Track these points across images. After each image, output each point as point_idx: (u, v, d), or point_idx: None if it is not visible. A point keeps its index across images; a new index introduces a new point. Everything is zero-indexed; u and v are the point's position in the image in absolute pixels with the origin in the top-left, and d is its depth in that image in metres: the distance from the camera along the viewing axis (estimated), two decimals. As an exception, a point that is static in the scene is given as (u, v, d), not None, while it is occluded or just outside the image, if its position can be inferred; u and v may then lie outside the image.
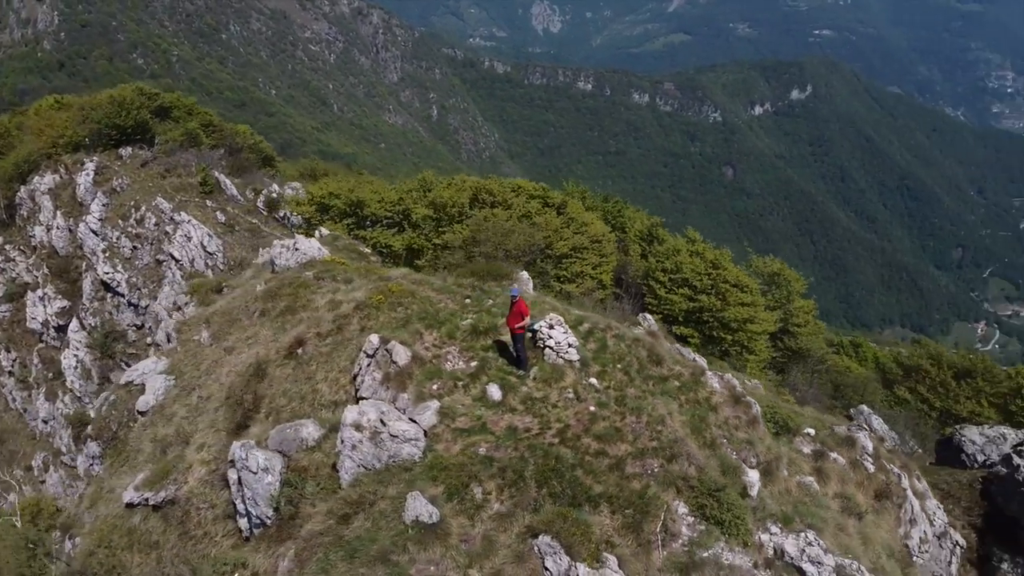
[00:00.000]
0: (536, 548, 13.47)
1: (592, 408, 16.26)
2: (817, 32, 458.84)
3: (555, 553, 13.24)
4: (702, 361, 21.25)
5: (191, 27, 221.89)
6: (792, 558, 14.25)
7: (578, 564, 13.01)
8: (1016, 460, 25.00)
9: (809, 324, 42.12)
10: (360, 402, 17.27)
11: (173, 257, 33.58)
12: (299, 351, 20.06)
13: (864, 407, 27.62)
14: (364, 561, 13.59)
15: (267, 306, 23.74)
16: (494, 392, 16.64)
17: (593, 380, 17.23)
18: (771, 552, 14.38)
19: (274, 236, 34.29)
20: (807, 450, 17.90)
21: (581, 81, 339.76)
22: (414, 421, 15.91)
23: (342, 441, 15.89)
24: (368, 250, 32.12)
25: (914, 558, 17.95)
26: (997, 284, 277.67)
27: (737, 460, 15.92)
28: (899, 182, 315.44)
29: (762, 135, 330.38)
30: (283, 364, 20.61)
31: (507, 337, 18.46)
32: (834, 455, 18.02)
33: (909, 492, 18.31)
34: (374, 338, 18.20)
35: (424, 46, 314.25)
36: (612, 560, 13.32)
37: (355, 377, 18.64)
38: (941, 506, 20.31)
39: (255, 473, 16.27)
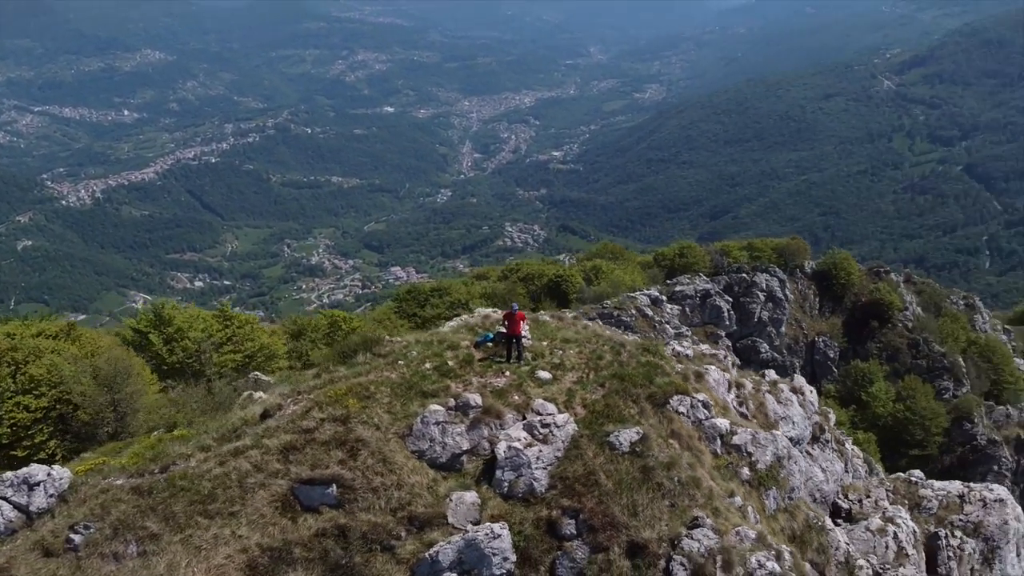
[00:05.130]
0: (671, 407, 21.87)
1: (575, 351, 23.81)
2: None
3: (682, 401, 22.07)
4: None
5: None
6: (681, 351, 26.40)
7: (696, 395, 22.29)
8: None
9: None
10: (495, 447, 19.76)
11: None
12: (333, 491, 18.84)
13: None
14: (636, 478, 19.51)
15: (153, 527, 18.46)
16: (544, 375, 22.17)
17: (545, 343, 24.25)
18: (676, 355, 26.08)
19: None
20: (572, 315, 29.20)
21: None
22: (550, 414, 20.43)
23: (522, 466, 19.34)
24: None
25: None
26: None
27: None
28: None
29: None
30: (312, 525, 18.77)
31: (479, 354, 22.98)
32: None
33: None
34: (435, 407, 20.11)
35: None
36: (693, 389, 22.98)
37: (421, 454, 19.86)
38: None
39: (499, 536, 17.99)
